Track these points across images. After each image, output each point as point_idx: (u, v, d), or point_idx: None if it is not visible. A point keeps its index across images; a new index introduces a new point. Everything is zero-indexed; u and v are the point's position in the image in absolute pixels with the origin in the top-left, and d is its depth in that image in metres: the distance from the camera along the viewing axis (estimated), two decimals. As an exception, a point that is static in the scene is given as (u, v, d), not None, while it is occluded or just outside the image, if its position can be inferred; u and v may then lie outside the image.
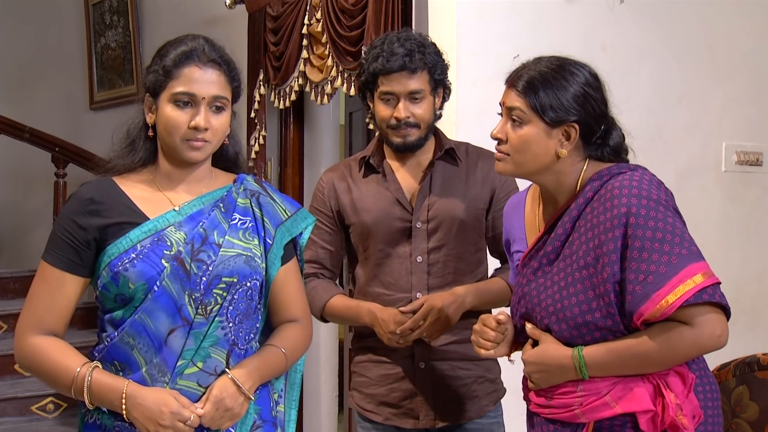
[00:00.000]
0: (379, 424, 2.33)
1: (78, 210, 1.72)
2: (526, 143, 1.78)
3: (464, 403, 2.30)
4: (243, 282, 1.76)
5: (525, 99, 1.77)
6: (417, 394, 2.28)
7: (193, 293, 1.70)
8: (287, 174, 4.06)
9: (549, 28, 3.14)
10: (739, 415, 2.09)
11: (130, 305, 1.70)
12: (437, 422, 2.29)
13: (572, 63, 1.81)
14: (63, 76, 6.05)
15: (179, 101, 1.72)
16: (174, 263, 1.69)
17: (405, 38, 2.28)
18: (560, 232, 1.79)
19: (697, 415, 1.70)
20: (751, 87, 3.65)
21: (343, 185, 2.37)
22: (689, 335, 1.64)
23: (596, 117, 1.78)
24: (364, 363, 2.37)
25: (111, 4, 5.50)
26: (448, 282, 2.27)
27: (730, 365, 2.17)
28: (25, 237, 6.05)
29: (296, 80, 3.62)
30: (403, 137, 2.26)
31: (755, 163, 3.65)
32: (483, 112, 3.11)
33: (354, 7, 3.23)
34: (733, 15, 3.60)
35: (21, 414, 4.30)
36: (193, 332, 1.71)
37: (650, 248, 1.64)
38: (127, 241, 1.70)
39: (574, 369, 1.71)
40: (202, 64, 1.73)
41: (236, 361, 1.76)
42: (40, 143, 5.06)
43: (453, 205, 2.28)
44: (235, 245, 1.77)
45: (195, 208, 1.77)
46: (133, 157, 1.78)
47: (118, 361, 1.71)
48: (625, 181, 1.71)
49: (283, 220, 1.87)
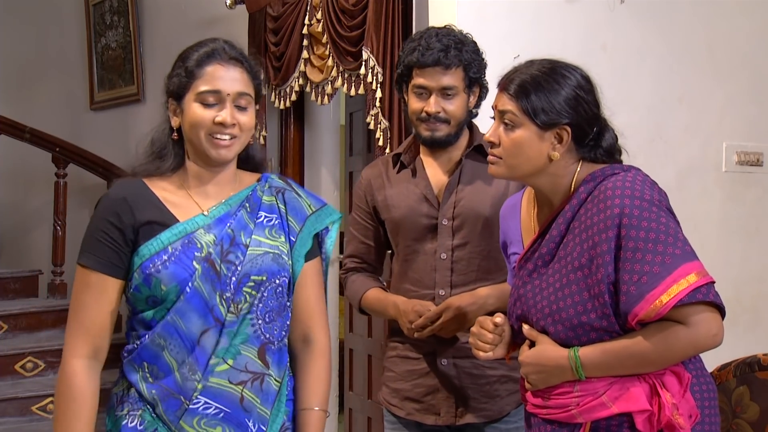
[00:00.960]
0: (401, 418, 2.35)
1: (112, 210, 1.72)
2: (518, 146, 1.78)
3: (485, 402, 2.30)
4: (272, 279, 1.77)
5: (517, 102, 1.78)
6: (439, 390, 2.30)
7: (224, 293, 1.72)
8: (287, 174, 4.06)
9: (549, 28, 3.14)
10: (739, 416, 2.09)
11: (162, 306, 1.71)
12: (458, 419, 2.30)
13: (564, 66, 1.81)
14: (63, 76, 6.05)
15: (205, 101, 1.73)
16: (205, 264, 1.71)
17: (444, 34, 2.29)
18: (555, 233, 1.79)
19: (693, 415, 1.70)
20: (752, 87, 3.65)
21: (378, 182, 2.39)
22: (685, 334, 1.64)
23: (588, 119, 1.79)
24: (393, 358, 2.40)
25: (111, 4, 5.50)
26: (471, 280, 2.28)
27: (731, 365, 2.17)
28: (25, 237, 6.05)
29: (296, 80, 3.62)
30: (432, 131, 2.27)
31: (755, 163, 3.64)
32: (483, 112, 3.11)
33: (354, 8, 3.23)
34: (734, 15, 3.59)
35: (21, 414, 4.29)
36: (226, 331, 1.72)
37: (644, 248, 1.65)
38: (158, 242, 1.70)
39: (570, 369, 1.71)
40: (225, 62, 1.75)
41: (272, 357, 1.78)
42: (41, 143, 5.06)
43: (479, 202, 2.29)
44: (262, 243, 1.78)
45: (222, 211, 1.78)
46: (163, 163, 1.78)
47: (147, 362, 1.72)
48: (618, 182, 1.71)
49: (308, 214, 1.86)
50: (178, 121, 1.77)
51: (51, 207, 5.04)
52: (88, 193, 5.42)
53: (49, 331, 4.75)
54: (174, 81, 1.76)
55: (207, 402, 1.70)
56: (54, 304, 4.86)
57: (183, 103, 1.75)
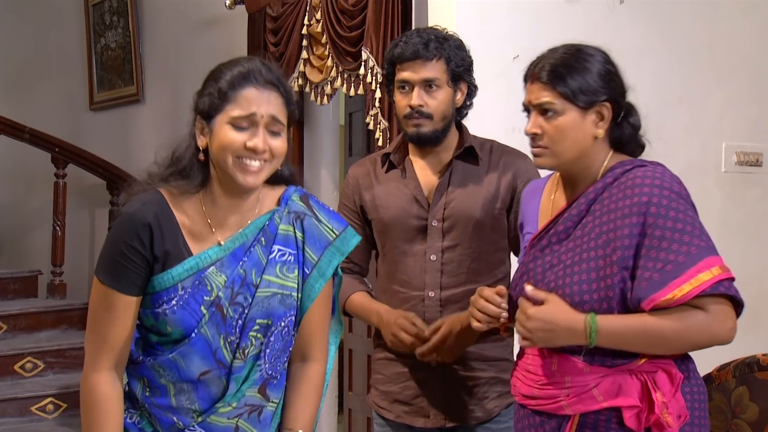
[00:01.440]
0: (391, 421, 2.34)
1: (136, 234, 1.66)
2: (563, 132, 1.78)
3: (475, 404, 2.29)
4: (278, 323, 1.74)
5: (553, 89, 1.78)
6: (428, 392, 2.29)
7: (229, 337, 1.70)
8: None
9: (549, 28, 3.14)
10: (739, 416, 2.09)
11: (166, 338, 1.70)
12: (447, 422, 2.28)
13: (586, 45, 1.83)
14: (63, 76, 6.05)
15: (238, 125, 1.65)
16: (213, 309, 1.68)
17: (426, 30, 2.30)
18: (574, 212, 1.80)
19: (682, 415, 1.71)
20: (752, 87, 3.65)
21: (366, 181, 2.38)
22: (703, 319, 1.66)
23: (621, 92, 1.82)
24: (381, 360, 2.38)
25: (111, 4, 5.50)
26: (462, 282, 2.26)
27: (730, 366, 2.17)
28: (25, 237, 6.05)
29: (296, 81, 3.62)
30: (417, 127, 2.25)
31: (755, 163, 3.64)
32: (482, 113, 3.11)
33: (354, 8, 3.23)
34: (734, 15, 3.59)
35: (21, 414, 4.29)
36: (234, 377, 1.71)
37: (670, 237, 1.67)
38: (169, 278, 1.67)
39: (583, 333, 1.69)
40: (260, 86, 1.67)
41: (273, 391, 1.77)
42: (40, 144, 5.06)
43: (469, 204, 2.27)
44: (271, 284, 1.73)
45: (238, 243, 1.72)
46: (189, 183, 1.71)
47: (147, 378, 1.72)
48: (648, 172, 1.74)
49: (332, 240, 1.78)
50: (206, 141, 1.69)
51: (50, 207, 5.03)
52: (87, 194, 5.42)
53: (49, 331, 4.75)
54: (205, 100, 1.68)
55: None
56: (53, 305, 4.86)
57: (213, 124, 1.67)
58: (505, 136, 3.10)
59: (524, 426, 1.85)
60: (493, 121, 3.06)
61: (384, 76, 2.36)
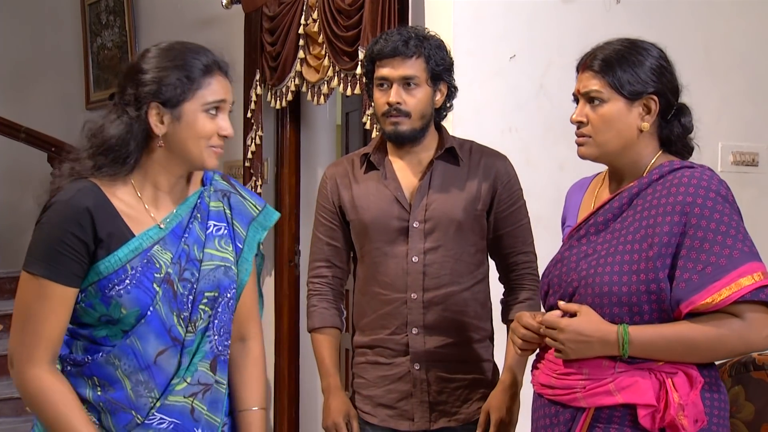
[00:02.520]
0: (375, 426, 2.32)
1: (75, 220, 1.65)
2: (608, 122, 1.78)
3: (459, 405, 2.29)
4: (224, 294, 1.77)
5: (602, 78, 1.78)
6: (412, 395, 2.27)
7: (182, 312, 1.71)
8: (284, 174, 4.06)
9: (545, 28, 3.14)
10: (735, 416, 2.09)
11: (117, 327, 1.68)
12: (432, 424, 2.28)
13: (643, 41, 1.84)
14: (59, 76, 6.04)
15: (212, 109, 1.71)
16: (165, 286, 1.69)
17: (407, 28, 2.29)
18: (615, 205, 1.80)
19: (700, 420, 1.69)
20: (748, 87, 3.65)
21: (345, 181, 2.35)
22: (739, 327, 1.64)
23: (672, 89, 1.82)
24: (363, 365, 2.36)
25: (107, 3, 5.50)
26: (444, 283, 2.25)
27: (726, 365, 2.17)
28: (20, 237, 6.01)
29: (293, 80, 3.62)
30: (395, 125, 2.23)
31: (751, 163, 3.65)
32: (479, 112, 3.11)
33: (351, 8, 3.22)
34: (730, 15, 3.60)
35: (17, 414, 4.29)
36: (186, 350, 1.71)
37: (712, 240, 1.66)
38: (116, 260, 1.66)
39: (616, 344, 1.69)
40: (223, 74, 1.75)
41: (221, 368, 1.78)
42: (36, 143, 5.05)
43: (451, 206, 2.26)
44: (213, 257, 1.77)
45: (174, 222, 1.75)
46: (124, 168, 1.71)
47: (98, 377, 1.69)
48: (696, 173, 1.74)
49: (255, 215, 1.86)
50: (164, 129, 1.70)
51: (46, 207, 5.01)
52: (84, 193, 5.40)
53: (45, 331, 4.73)
54: (169, 88, 1.68)
55: (162, 418, 1.70)
56: (50, 304, 4.84)
57: (180, 112, 1.69)
58: (501, 135, 3.11)
59: (540, 416, 1.85)
60: (490, 121, 3.07)
61: (363, 72, 2.35)
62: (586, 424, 1.74)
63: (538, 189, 2.87)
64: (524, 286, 2.35)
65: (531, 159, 3.06)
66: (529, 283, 2.34)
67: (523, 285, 2.35)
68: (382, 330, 2.29)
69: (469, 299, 2.29)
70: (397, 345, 2.27)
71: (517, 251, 2.34)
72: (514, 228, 2.33)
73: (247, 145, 3.86)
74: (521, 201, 2.35)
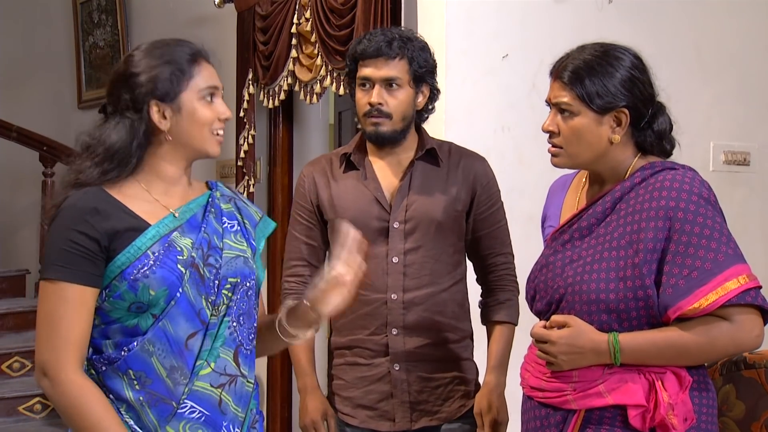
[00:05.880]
0: (356, 427, 2.31)
1: (83, 220, 1.66)
2: (577, 134, 1.77)
3: (440, 404, 2.29)
4: (244, 282, 1.79)
5: (571, 90, 1.76)
6: (392, 396, 2.26)
7: (209, 296, 1.73)
8: (276, 173, 4.06)
9: (538, 27, 3.15)
10: (725, 414, 2.09)
11: (147, 313, 1.69)
12: (413, 424, 2.27)
13: (616, 48, 1.80)
14: (51, 75, 6.02)
15: (207, 96, 1.75)
16: (191, 269, 1.70)
17: (391, 29, 2.29)
18: (599, 210, 1.79)
19: (689, 419, 1.70)
20: (739, 87, 3.66)
21: (323, 180, 2.34)
22: (728, 330, 1.65)
23: (644, 100, 1.79)
24: (342, 366, 2.34)
25: (99, 2, 5.48)
26: (424, 284, 2.25)
27: (717, 364, 2.17)
28: (13, 236, 6.02)
29: (285, 79, 3.62)
30: (376, 126, 2.22)
31: (743, 162, 3.66)
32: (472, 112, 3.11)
33: (343, 7, 3.22)
34: (722, 15, 3.61)
35: (8, 414, 4.27)
36: (209, 333, 1.73)
37: (697, 244, 1.65)
38: (134, 249, 1.67)
39: (607, 353, 1.70)
40: (207, 61, 1.79)
41: (244, 361, 1.78)
42: (28, 142, 5.04)
43: (431, 206, 2.25)
44: (232, 248, 1.80)
45: (189, 214, 1.77)
46: (127, 168, 1.73)
47: (134, 370, 1.68)
48: (678, 176, 1.72)
49: (257, 221, 1.91)
50: (168, 123, 1.74)
51: (38, 206, 5.02)
52: (75, 193, 5.39)
53: (37, 330, 4.72)
54: (162, 85, 1.71)
55: (193, 406, 1.70)
56: (41, 304, 4.83)
57: (178, 103, 1.73)
58: (493, 135, 3.11)
59: (530, 418, 1.85)
60: (482, 120, 3.07)
61: (345, 72, 2.34)
62: (577, 425, 1.74)
63: (530, 188, 2.88)
64: (503, 287, 2.35)
65: (523, 158, 3.06)
66: (509, 284, 2.36)
67: (503, 286, 2.36)
68: (360, 330, 2.28)
69: (448, 300, 2.28)
70: (377, 345, 2.27)
71: (495, 252, 2.35)
72: (493, 229, 2.34)
73: (240, 145, 3.86)
74: (500, 202, 2.36)
